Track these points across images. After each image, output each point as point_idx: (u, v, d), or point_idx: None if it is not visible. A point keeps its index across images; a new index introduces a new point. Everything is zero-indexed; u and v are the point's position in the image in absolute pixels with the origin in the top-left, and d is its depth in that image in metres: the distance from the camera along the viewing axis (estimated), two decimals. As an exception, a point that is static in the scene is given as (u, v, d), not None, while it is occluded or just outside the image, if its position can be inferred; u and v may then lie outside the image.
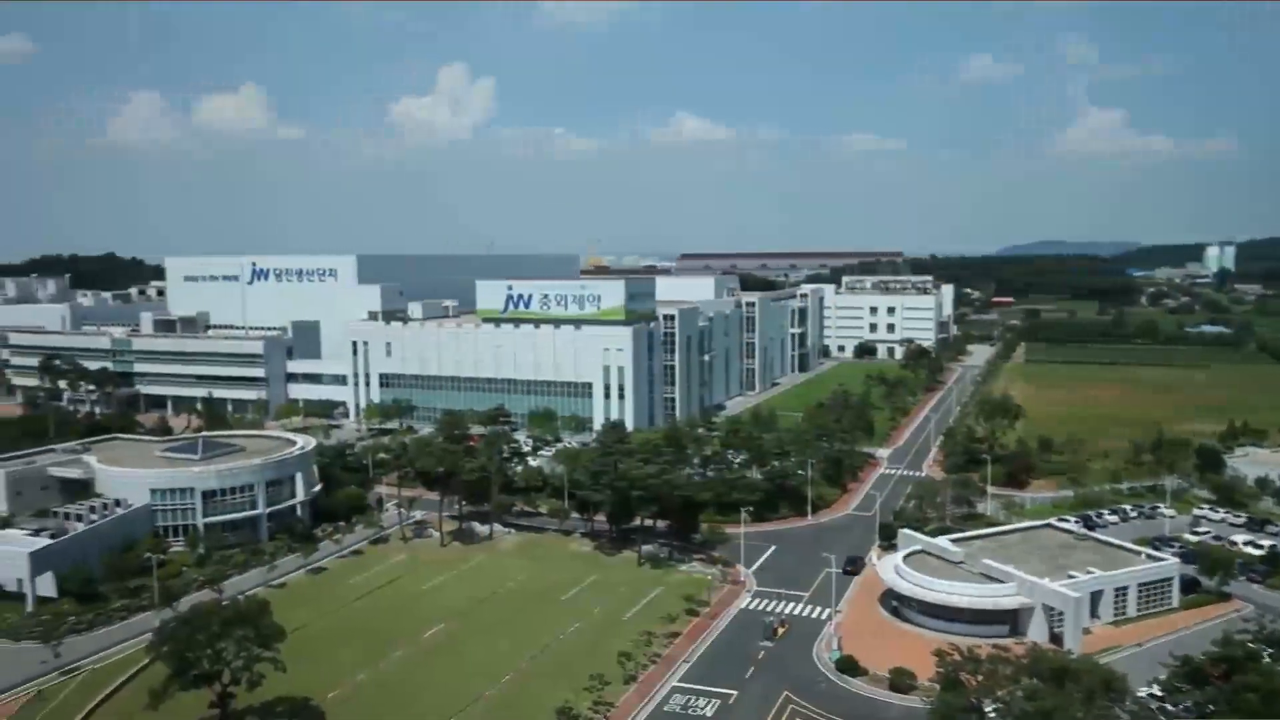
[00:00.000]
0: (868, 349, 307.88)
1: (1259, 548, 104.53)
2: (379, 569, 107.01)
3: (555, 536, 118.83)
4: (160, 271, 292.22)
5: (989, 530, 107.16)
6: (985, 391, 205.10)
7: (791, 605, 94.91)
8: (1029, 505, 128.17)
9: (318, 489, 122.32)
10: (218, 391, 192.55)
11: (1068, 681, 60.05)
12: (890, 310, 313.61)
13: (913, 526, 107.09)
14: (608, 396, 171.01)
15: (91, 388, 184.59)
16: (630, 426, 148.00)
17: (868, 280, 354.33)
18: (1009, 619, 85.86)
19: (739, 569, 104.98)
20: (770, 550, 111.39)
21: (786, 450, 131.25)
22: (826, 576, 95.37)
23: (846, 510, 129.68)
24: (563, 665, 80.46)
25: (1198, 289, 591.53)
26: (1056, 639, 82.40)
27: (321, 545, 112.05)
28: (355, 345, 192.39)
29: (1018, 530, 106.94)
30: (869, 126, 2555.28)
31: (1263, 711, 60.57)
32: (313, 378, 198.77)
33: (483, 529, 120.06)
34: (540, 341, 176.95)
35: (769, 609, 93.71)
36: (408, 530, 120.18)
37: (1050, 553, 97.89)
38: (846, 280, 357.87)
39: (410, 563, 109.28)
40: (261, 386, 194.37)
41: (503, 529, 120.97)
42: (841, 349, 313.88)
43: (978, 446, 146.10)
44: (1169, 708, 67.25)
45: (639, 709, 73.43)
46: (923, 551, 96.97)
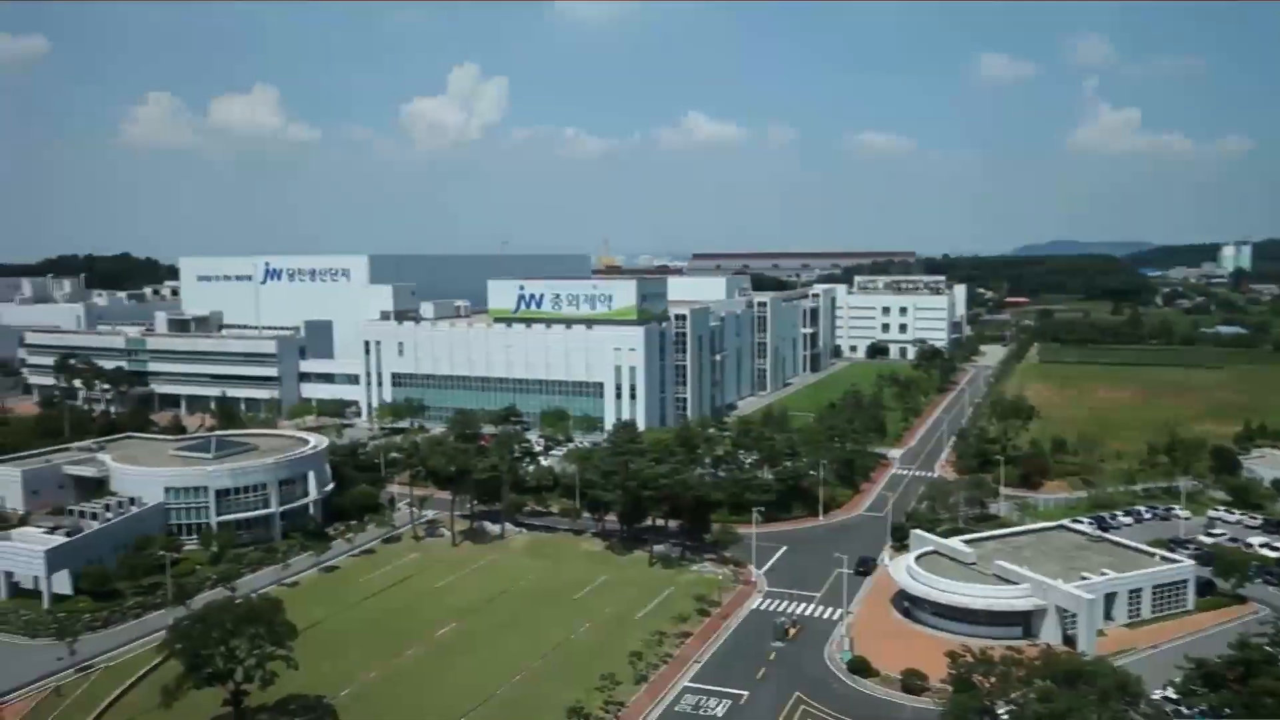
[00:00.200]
0: (880, 349, 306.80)
1: (1275, 550, 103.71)
2: (391, 568, 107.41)
3: (566, 536, 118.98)
4: (174, 271, 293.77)
5: (1002, 531, 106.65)
6: (998, 392, 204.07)
7: (803, 606, 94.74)
8: (1042, 506, 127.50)
9: (330, 488, 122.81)
10: (231, 391, 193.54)
11: (1081, 684, 59.73)
12: (903, 310, 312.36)
13: (925, 527, 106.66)
14: (619, 396, 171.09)
15: (106, 387, 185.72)
16: (642, 426, 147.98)
17: (880, 280, 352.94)
18: (1022, 621, 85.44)
19: (750, 569, 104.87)
20: (782, 551, 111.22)
21: (798, 450, 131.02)
22: (838, 577, 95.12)
23: (858, 511, 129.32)
24: (574, 664, 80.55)
25: (1213, 289, 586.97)
26: (1070, 641, 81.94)
27: (334, 544, 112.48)
28: (367, 345, 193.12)
29: (1031, 531, 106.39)
30: (882, 126, 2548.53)
31: (1279, 715, 60.08)
32: (325, 377, 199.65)
33: (494, 528, 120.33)
34: (552, 341, 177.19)
35: (780, 609, 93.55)
36: (419, 529, 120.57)
37: (1064, 554, 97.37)
38: (859, 280, 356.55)
39: (422, 562, 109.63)
40: (274, 386, 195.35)
41: (514, 528, 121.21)
42: (854, 349, 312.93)
43: (991, 447, 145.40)
44: (1184, 711, 66.77)
45: (650, 709, 73.45)
46: (935, 552, 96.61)
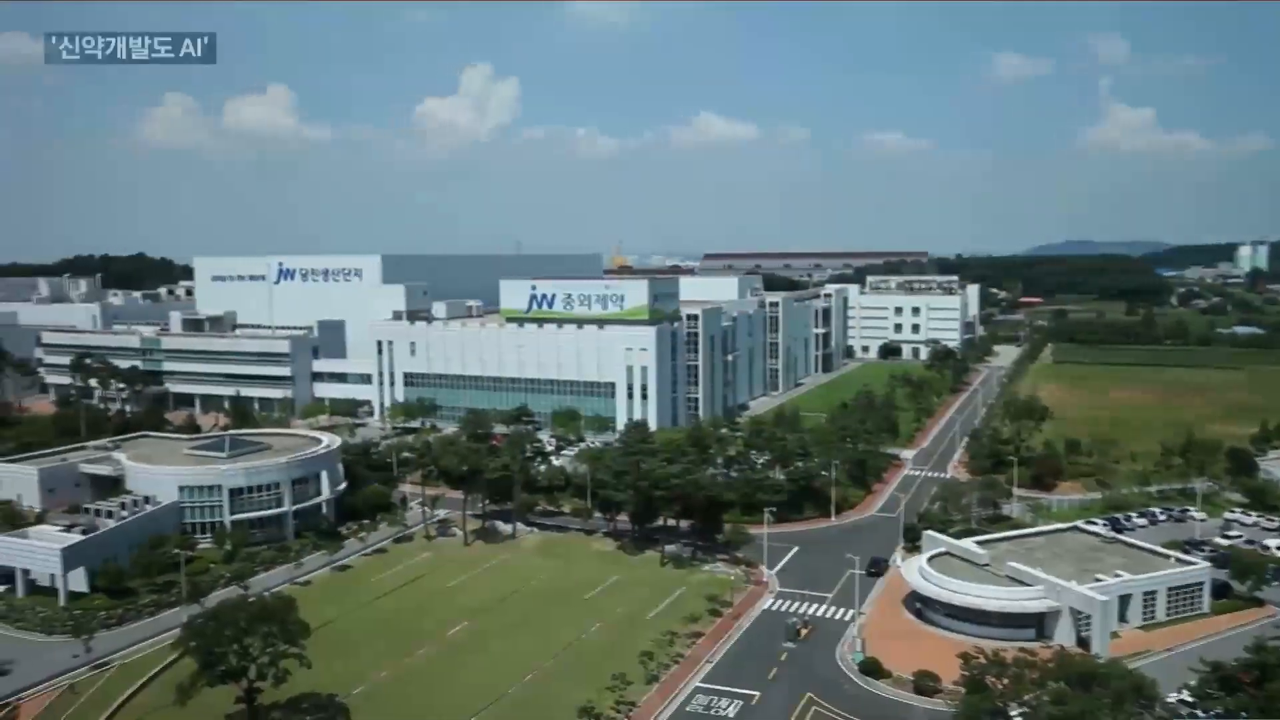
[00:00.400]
0: (892, 349, 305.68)
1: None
2: (403, 567, 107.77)
3: (578, 536, 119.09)
4: (189, 271, 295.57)
5: (1015, 532, 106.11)
6: (1011, 392, 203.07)
7: (814, 606, 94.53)
8: (1056, 508, 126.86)
9: (343, 487, 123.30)
10: (245, 390, 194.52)
11: (1095, 686, 59.43)
12: (915, 310, 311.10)
13: (937, 528, 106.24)
14: (631, 396, 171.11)
15: (122, 386, 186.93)
16: (653, 426, 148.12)
17: (892, 280, 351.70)
18: (1035, 622, 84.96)
19: (762, 570, 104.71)
20: (793, 551, 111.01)
21: (810, 451, 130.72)
22: (850, 578, 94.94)
23: (870, 511, 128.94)
24: (585, 664, 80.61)
25: (1229, 289, 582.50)
26: (1084, 643, 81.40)
27: (346, 543, 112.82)
28: (380, 345, 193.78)
29: (1044, 533, 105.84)
30: (895, 125, 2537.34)
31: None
32: (338, 377, 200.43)
33: (506, 528, 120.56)
34: (564, 341, 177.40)
35: (792, 610, 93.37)
36: (431, 529, 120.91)
37: (1077, 555, 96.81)
38: (871, 280, 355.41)
39: (434, 561, 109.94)
40: (288, 385, 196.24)
41: (526, 528, 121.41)
42: (866, 349, 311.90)
43: (1004, 448, 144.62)
44: (1199, 714, 66.24)
45: (661, 709, 73.43)
46: (947, 553, 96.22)
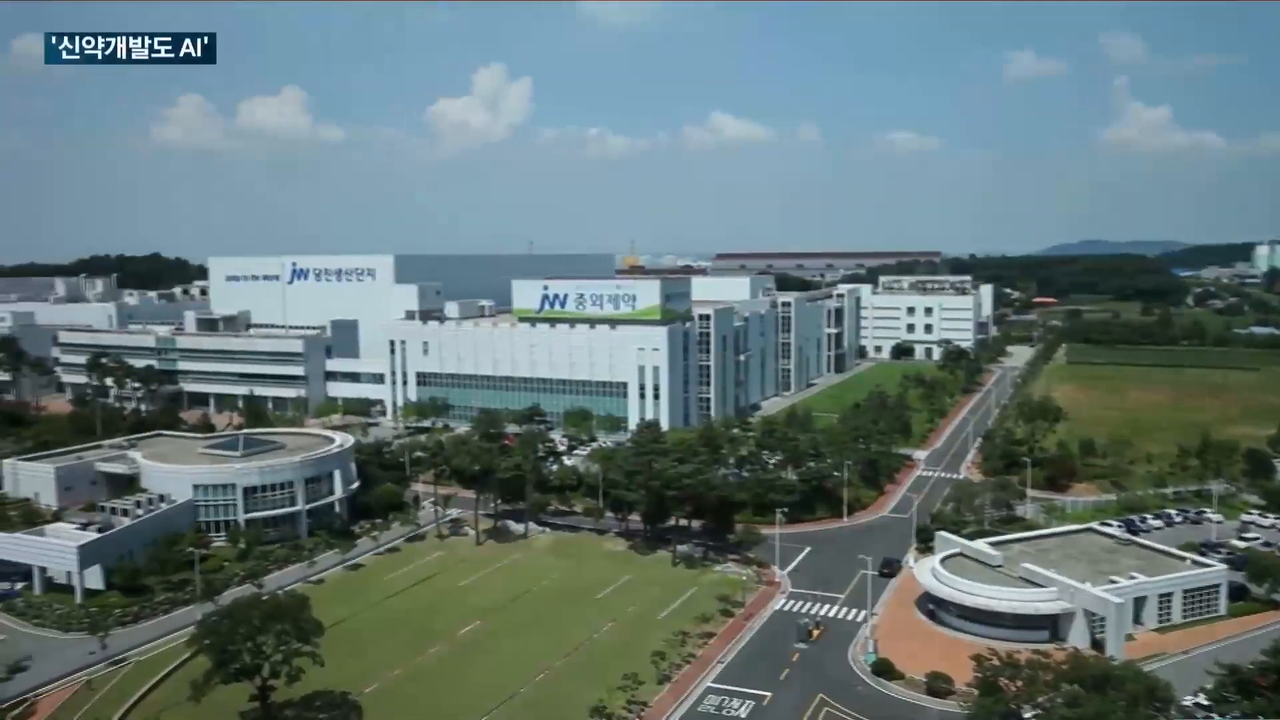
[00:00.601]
0: (905, 350, 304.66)
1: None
2: (415, 566, 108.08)
3: (590, 535, 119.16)
4: (203, 271, 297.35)
5: (1029, 534, 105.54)
6: (1025, 393, 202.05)
7: (827, 607, 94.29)
8: (1070, 509, 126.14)
9: (356, 486, 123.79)
10: (259, 389, 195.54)
11: (1110, 689, 59.03)
12: (928, 311, 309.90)
13: (950, 529, 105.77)
14: (643, 396, 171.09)
15: (137, 385, 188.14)
16: (665, 426, 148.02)
17: (905, 280, 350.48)
18: (1049, 624, 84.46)
19: (774, 570, 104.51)
20: (805, 551, 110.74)
21: (822, 451, 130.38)
22: (862, 578, 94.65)
23: (883, 512, 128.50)
24: (596, 664, 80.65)
25: (1246, 289, 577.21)
26: (1098, 645, 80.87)
27: (359, 542, 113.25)
28: (393, 344, 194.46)
29: (1058, 534, 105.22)
30: (908, 124, 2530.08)
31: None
32: (351, 376, 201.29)
33: (518, 527, 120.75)
34: (576, 341, 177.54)
35: (804, 611, 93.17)
36: (444, 528, 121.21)
37: (1092, 557, 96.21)
38: (884, 280, 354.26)
39: (446, 560, 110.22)
40: (301, 385, 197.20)
41: (537, 528, 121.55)
42: (878, 349, 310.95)
43: (1017, 449, 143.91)
44: (1215, 718, 65.79)
45: (673, 709, 73.40)
46: (960, 554, 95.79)
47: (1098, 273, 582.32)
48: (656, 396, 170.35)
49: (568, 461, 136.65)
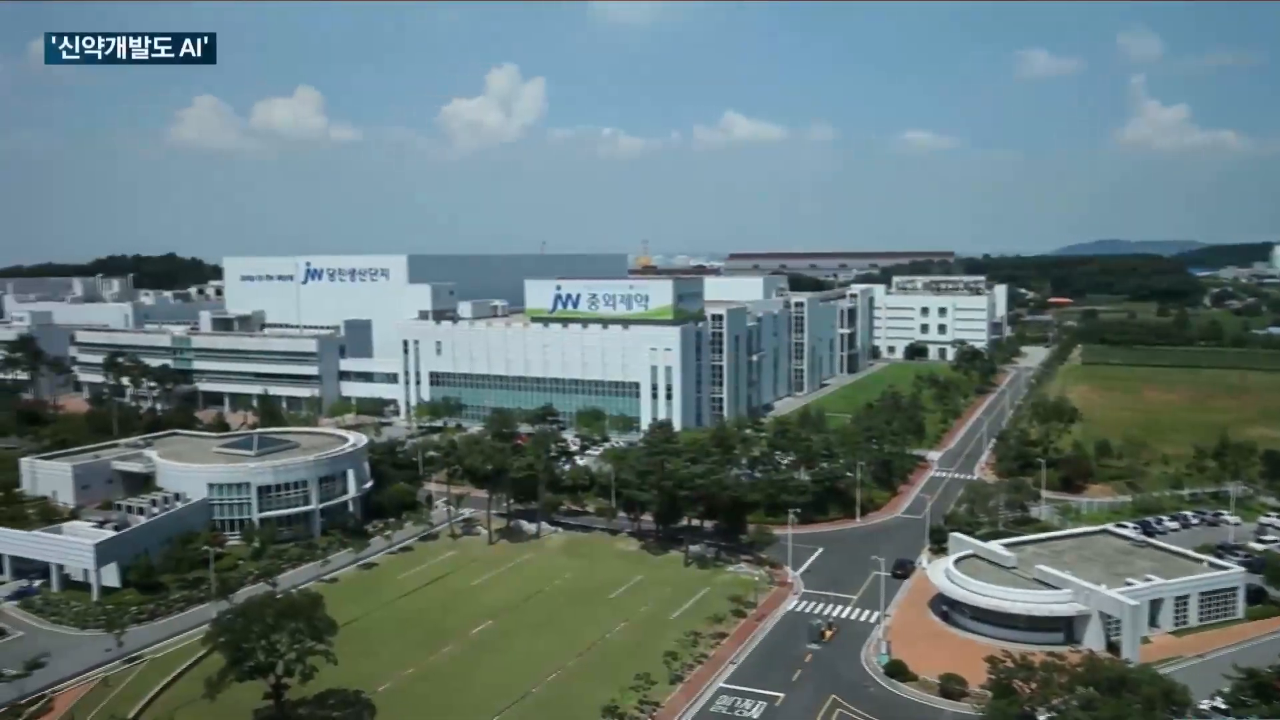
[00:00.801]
0: (918, 350, 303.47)
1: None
2: (428, 565, 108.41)
3: (602, 535, 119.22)
4: (219, 271, 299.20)
5: (1043, 535, 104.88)
6: (1040, 393, 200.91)
7: (839, 608, 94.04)
8: (1085, 510, 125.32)
9: (369, 486, 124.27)
10: (273, 389, 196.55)
11: (1125, 691, 58.65)
12: (941, 311, 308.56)
13: (964, 530, 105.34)
14: (655, 396, 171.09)
15: (153, 384, 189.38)
16: (677, 426, 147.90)
17: (919, 280, 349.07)
18: (1064, 626, 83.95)
19: (786, 570, 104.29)
20: (818, 552, 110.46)
21: (835, 452, 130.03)
22: (875, 579, 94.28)
23: (896, 513, 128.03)
24: (609, 664, 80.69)
25: (1265, 289, 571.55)
26: (1113, 648, 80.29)
27: (372, 541, 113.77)
28: (406, 344, 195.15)
29: (1073, 536, 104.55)
30: (922, 124, 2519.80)
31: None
32: (364, 376, 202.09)
33: (530, 527, 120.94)
34: (588, 341, 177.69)
35: (816, 611, 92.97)
36: (456, 527, 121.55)
37: (1107, 559, 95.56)
38: (897, 280, 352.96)
39: (459, 559, 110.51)
40: (315, 384, 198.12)
41: (550, 527, 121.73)
42: (891, 350, 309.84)
43: (1032, 450, 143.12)
44: (1232, 721, 65.24)
45: (685, 709, 73.37)
46: (974, 556, 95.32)
47: (1113, 273, 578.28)
48: (669, 396, 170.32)
49: (580, 461, 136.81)
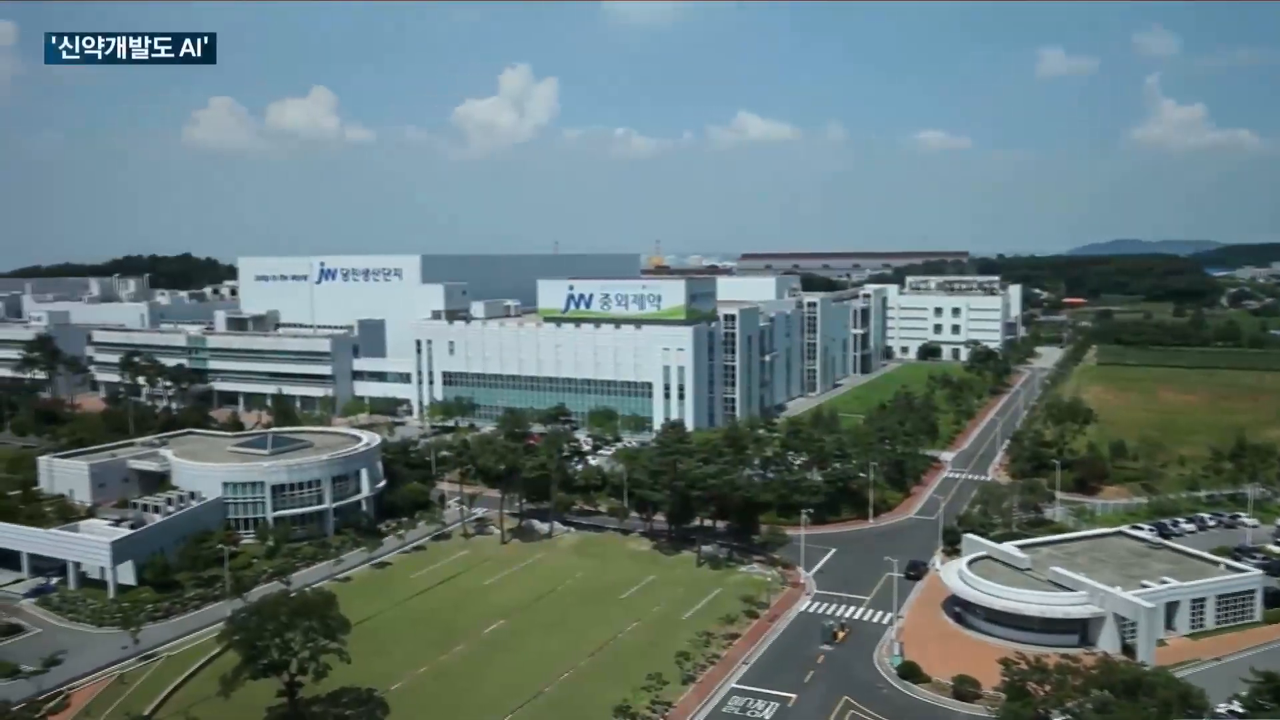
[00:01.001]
0: (932, 350, 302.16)
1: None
2: (441, 564, 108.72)
3: (614, 535, 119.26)
4: (233, 271, 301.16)
5: (1058, 537, 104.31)
6: (1054, 394, 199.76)
7: (852, 609, 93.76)
8: (1100, 512, 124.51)
9: (382, 485, 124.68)
10: (287, 388, 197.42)
11: (1141, 694, 58.23)
12: (955, 311, 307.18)
13: (978, 531, 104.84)
14: (668, 396, 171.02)
15: (168, 384, 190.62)
16: (690, 426, 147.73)
17: (932, 280, 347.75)
18: (1078, 628, 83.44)
19: (799, 571, 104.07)
20: (831, 553, 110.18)
21: (848, 452, 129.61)
22: (888, 580, 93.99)
23: (909, 514, 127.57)
24: (621, 664, 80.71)
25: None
26: (1129, 650, 79.76)
27: (385, 540, 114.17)
28: (419, 344, 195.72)
29: (1088, 537, 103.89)
30: (935, 124, 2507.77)
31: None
32: (378, 375, 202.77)
33: (542, 527, 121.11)
34: (601, 341, 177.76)
35: (829, 612, 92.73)
36: (469, 527, 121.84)
37: (1122, 561, 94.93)
38: (910, 280, 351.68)
39: (471, 559, 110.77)
40: (329, 384, 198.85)
41: (562, 527, 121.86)
42: (905, 350, 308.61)
43: (1046, 451, 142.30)
44: (1249, 725, 64.65)
45: (697, 709, 73.30)
46: (988, 557, 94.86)
47: (1129, 273, 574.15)
48: (681, 396, 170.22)
49: (592, 461, 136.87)
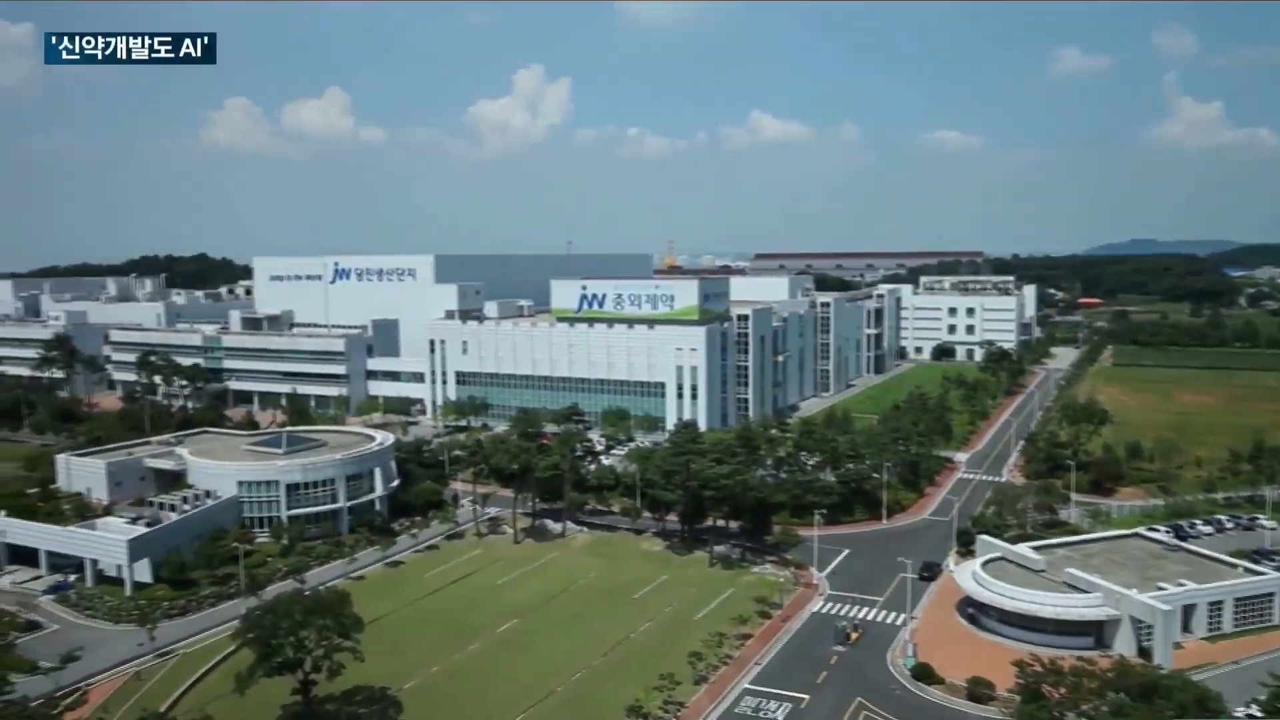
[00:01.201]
0: (946, 351, 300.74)
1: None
2: (454, 564, 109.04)
3: (627, 535, 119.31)
4: (249, 271, 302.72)
5: (1073, 538, 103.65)
6: (1070, 395, 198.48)
7: (865, 610, 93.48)
8: (1116, 514, 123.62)
9: (396, 484, 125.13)
10: (301, 388, 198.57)
11: (1157, 698, 57.82)
12: (970, 311, 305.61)
13: (992, 533, 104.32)
14: (680, 396, 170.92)
15: (184, 383, 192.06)
16: (703, 426, 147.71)
17: (946, 280, 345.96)
18: (1094, 631, 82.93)
19: (812, 572, 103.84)
20: (844, 554, 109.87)
21: (861, 453, 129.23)
22: (901, 581, 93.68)
23: (923, 515, 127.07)
24: (633, 663, 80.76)
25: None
26: (1145, 653, 79.22)
27: (399, 539, 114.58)
28: (432, 343, 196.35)
29: (1104, 539, 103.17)
30: (950, 123, 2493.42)
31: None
32: (391, 375, 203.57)
33: (555, 526, 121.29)
34: (614, 341, 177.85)
35: (842, 613, 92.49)
36: (482, 526, 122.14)
37: (1139, 563, 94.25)
38: (924, 280, 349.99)
39: (484, 558, 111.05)
40: (343, 383, 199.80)
41: (575, 527, 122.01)
42: (919, 350, 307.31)
43: (1061, 452, 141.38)
44: (1267, 729, 64.04)
45: (710, 710, 73.26)
46: (1002, 559, 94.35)
47: (1146, 273, 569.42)
48: (694, 397, 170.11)
49: (605, 461, 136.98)
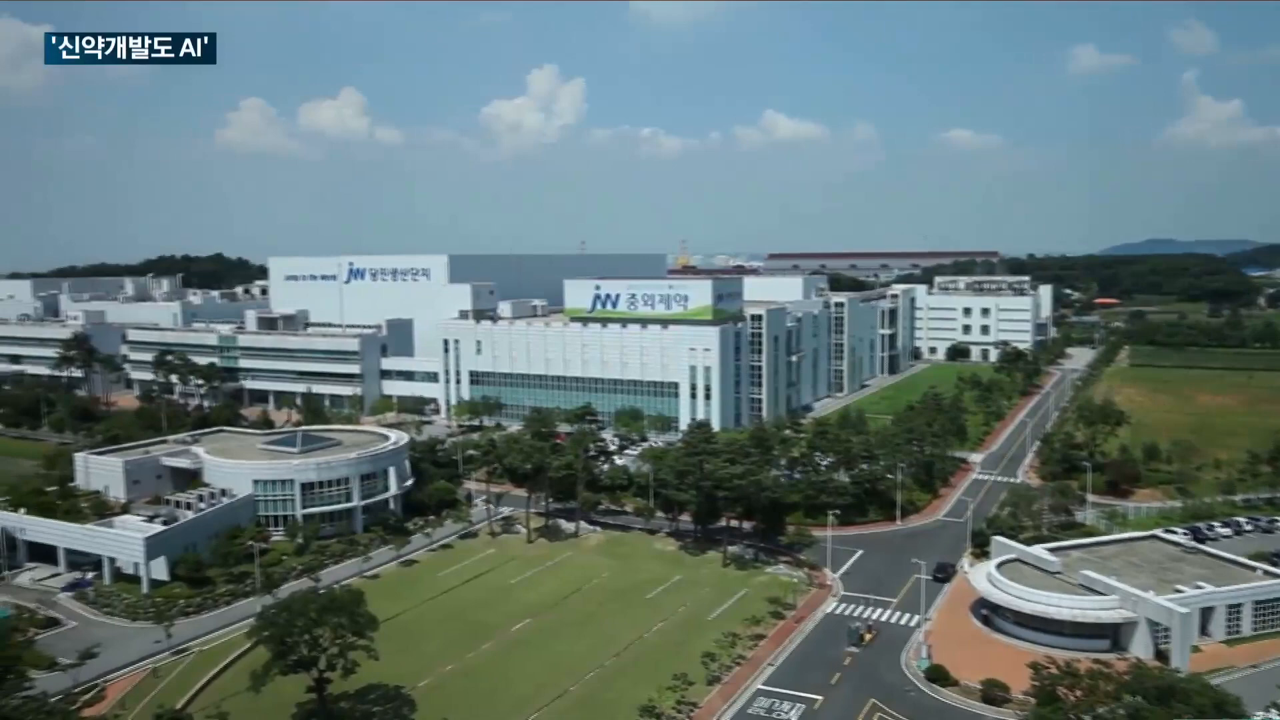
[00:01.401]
0: (961, 351, 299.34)
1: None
2: (468, 563, 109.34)
3: (640, 535, 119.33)
4: (264, 271, 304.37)
5: (1089, 540, 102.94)
6: (1086, 396, 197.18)
7: (879, 611, 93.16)
8: (1132, 515, 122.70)
9: (410, 483, 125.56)
10: (316, 387, 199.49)
11: (1175, 701, 57.34)
12: (985, 311, 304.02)
13: (1007, 534, 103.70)
14: (694, 396, 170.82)
15: (200, 382, 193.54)
16: (716, 426, 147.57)
17: (961, 280, 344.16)
18: (1110, 633, 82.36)
19: (825, 572, 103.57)
20: (858, 554, 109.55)
21: (875, 453, 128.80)
22: (916, 583, 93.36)
23: (937, 516, 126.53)
24: (646, 663, 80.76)
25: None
26: (1162, 656, 78.60)
27: (413, 538, 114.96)
28: (446, 343, 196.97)
29: (1120, 541, 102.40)
30: (965, 122, 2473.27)
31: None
32: (406, 374, 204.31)
33: (569, 526, 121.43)
34: (627, 341, 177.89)
35: (856, 614, 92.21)
36: (495, 526, 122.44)
37: (1156, 565, 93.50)
38: (939, 280, 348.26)
39: (498, 557, 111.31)
40: (357, 383, 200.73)
41: (588, 526, 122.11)
42: (933, 351, 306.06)
43: (1077, 453, 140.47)
44: (1287, 733, 63.46)
45: (723, 710, 73.19)
46: (1017, 560, 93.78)
47: (1163, 273, 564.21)
48: (708, 397, 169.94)
49: (619, 461, 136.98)
